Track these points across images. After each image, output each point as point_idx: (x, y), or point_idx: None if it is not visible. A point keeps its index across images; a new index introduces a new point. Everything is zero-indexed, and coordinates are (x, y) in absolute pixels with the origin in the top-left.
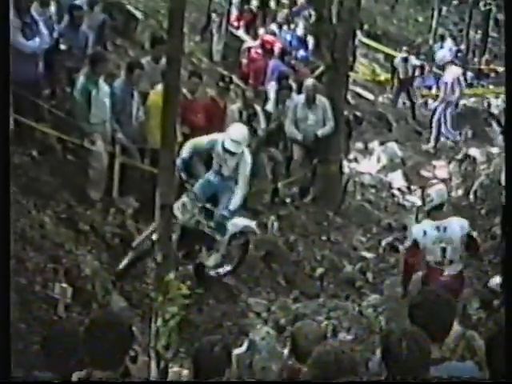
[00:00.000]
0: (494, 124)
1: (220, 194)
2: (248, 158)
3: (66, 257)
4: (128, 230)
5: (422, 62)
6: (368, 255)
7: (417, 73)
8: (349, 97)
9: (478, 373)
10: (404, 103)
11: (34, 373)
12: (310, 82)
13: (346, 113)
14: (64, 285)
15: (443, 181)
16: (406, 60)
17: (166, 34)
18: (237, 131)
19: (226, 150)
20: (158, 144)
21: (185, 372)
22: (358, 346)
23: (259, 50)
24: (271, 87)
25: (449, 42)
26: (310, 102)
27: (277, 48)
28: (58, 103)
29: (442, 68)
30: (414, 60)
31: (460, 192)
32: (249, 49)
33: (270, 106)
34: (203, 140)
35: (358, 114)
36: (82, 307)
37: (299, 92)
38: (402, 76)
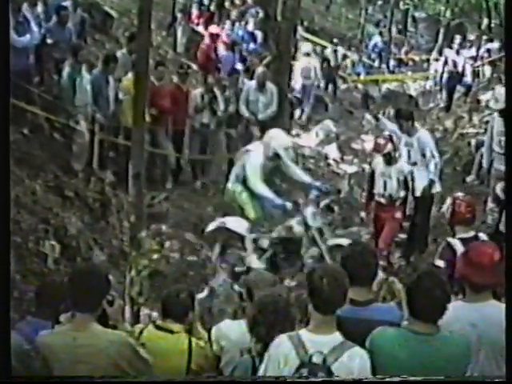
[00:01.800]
0: (413, 104)
1: None
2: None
3: (54, 218)
4: (106, 196)
5: (352, 53)
6: None
7: (346, 61)
8: (292, 82)
9: (399, 312)
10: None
11: (27, 317)
12: (260, 69)
13: (289, 95)
14: (53, 242)
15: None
16: (335, 51)
17: (137, 30)
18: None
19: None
20: (130, 123)
21: (154, 314)
22: (299, 290)
23: (207, 42)
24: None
25: (376, 37)
26: (261, 87)
27: (223, 38)
28: (46, 89)
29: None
30: (341, 51)
31: None
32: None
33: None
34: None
35: (299, 96)
36: (68, 261)
37: (251, 78)
38: (332, 64)
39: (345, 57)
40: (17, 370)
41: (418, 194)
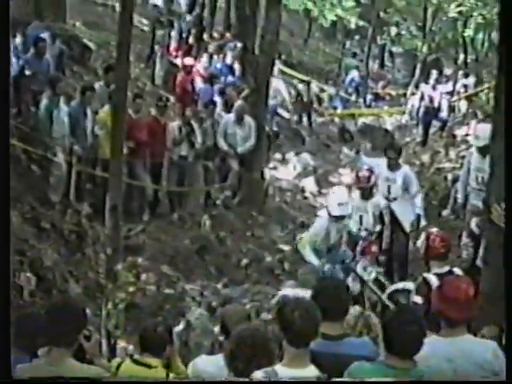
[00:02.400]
0: (389, 139)
1: None
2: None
3: (30, 250)
4: (83, 228)
5: (329, 87)
6: (285, 248)
7: (323, 95)
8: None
9: (373, 347)
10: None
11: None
12: (238, 103)
13: (266, 129)
14: (28, 274)
15: (348, 186)
16: (308, 85)
17: (115, 62)
18: (339, 196)
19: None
20: (107, 155)
21: (131, 347)
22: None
23: (183, 74)
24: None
25: (354, 71)
26: (239, 120)
27: (200, 71)
28: (23, 120)
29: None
30: (315, 87)
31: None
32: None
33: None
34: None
35: (276, 129)
36: (43, 293)
37: (229, 111)
38: (305, 99)
39: (321, 90)
40: None
41: (407, 229)
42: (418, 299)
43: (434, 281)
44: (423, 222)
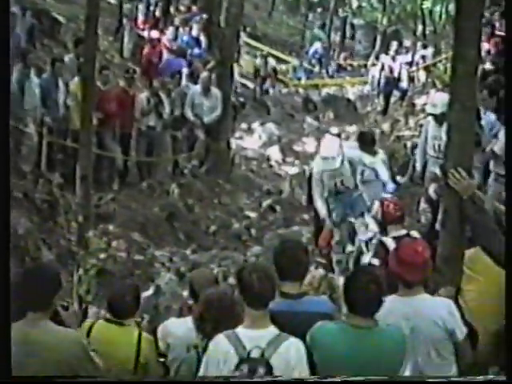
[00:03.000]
0: (351, 108)
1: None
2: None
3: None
4: (55, 196)
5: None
6: (252, 214)
7: (288, 66)
8: (235, 86)
9: (331, 304)
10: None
11: None
12: (205, 74)
13: (232, 99)
14: None
15: (311, 154)
16: (266, 61)
17: (84, 35)
18: (326, 148)
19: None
20: (78, 126)
21: (102, 312)
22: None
23: (150, 46)
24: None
25: (317, 43)
26: (206, 91)
27: (166, 43)
28: None
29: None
30: (270, 61)
31: None
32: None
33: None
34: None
35: (242, 100)
36: (17, 261)
37: (195, 83)
38: (262, 74)
39: (283, 62)
40: None
41: None
42: (375, 261)
43: (390, 244)
44: None
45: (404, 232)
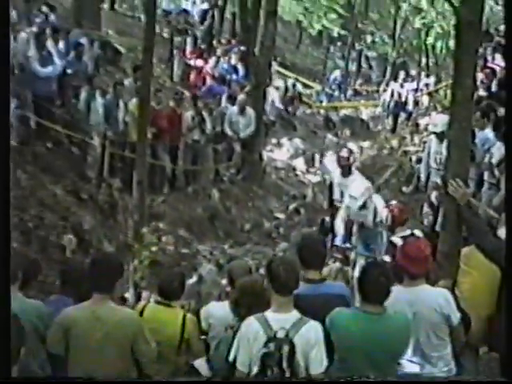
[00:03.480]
0: (365, 127)
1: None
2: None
3: (71, 216)
4: (115, 198)
5: (316, 84)
6: (280, 216)
7: (311, 91)
8: (267, 107)
9: (348, 290)
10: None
11: (51, 296)
12: (241, 96)
13: (264, 118)
14: (70, 236)
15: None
16: (294, 85)
17: (141, 63)
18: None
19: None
20: (135, 139)
21: (153, 296)
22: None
23: (195, 73)
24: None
25: (336, 71)
26: (242, 111)
27: (209, 71)
28: (66, 111)
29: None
30: (298, 86)
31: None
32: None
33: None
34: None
35: (272, 118)
36: (83, 252)
37: (233, 104)
38: (290, 94)
39: (307, 87)
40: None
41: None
42: (387, 258)
43: (398, 242)
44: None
45: (409, 232)
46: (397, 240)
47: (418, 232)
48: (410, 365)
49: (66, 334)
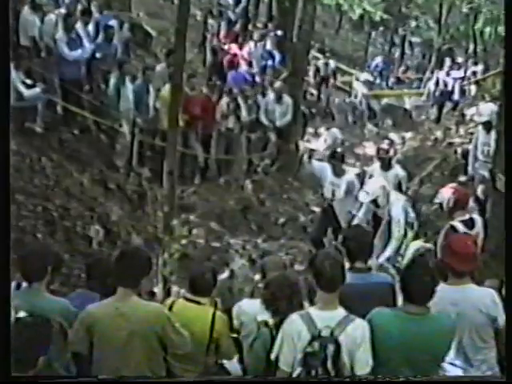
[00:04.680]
0: (407, 117)
1: None
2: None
3: (98, 207)
4: (144, 189)
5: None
6: (316, 209)
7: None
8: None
9: (391, 278)
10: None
11: (76, 290)
12: (278, 84)
13: (302, 108)
14: (97, 227)
15: (370, 157)
16: (326, 64)
17: (173, 47)
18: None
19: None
20: (165, 127)
21: (182, 291)
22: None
23: (230, 58)
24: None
25: (378, 58)
26: (279, 99)
27: (245, 56)
28: (94, 96)
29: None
30: (331, 64)
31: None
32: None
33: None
34: None
35: (313, 110)
36: (109, 244)
37: (268, 92)
38: (322, 74)
39: (348, 74)
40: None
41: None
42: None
43: (460, 227)
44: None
45: (468, 216)
46: (458, 224)
47: (475, 216)
48: (452, 368)
49: (89, 332)
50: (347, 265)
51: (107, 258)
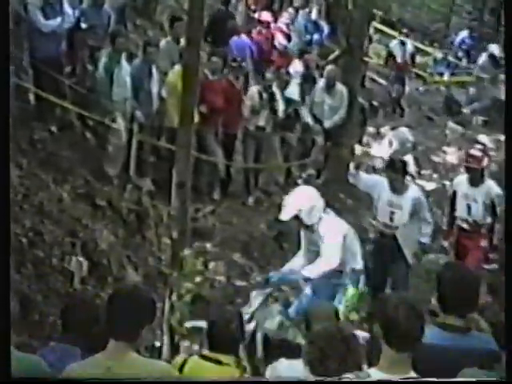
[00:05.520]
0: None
1: None
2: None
3: (82, 231)
4: (144, 207)
5: (434, 49)
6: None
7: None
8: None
9: (494, 344)
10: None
11: (50, 343)
12: (331, 67)
13: (360, 99)
14: (80, 258)
15: (453, 166)
16: (403, 44)
17: (185, 15)
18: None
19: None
20: (175, 123)
21: (196, 348)
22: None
23: (261, 30)
24: (295, 71)
25: (464, 32)
26: (330, 87)
27: (282, 28)
28: (79, 80)
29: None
30: (409, 45)
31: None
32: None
33: (291, 90)
34: None
35: (375, 103)
36: (97, 281)
37: (314, 76)
38: (399, 60)
39: (422, 52)
40: None
41: (409, 260)
42: None
43: None
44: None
45: None
46: None
47: None
48: None
49: None
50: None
51: (93, 301)
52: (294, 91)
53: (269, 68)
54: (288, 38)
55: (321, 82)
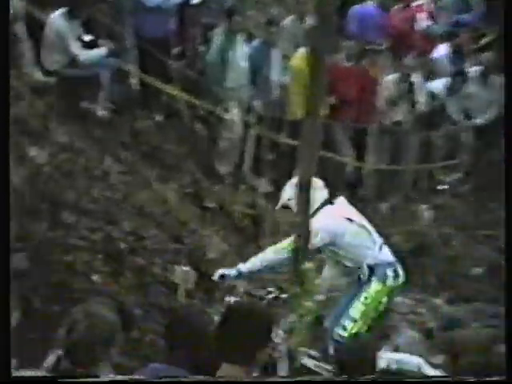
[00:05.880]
0: None
1: None
2: None
3: (189, 237)
4: (259, 210)
5: None
6: None
7: None
8: None
9: None
10: None
11: (151, 365)
12: (485, 54)
13: None
14: (186, 268)
15: None
16: None
17: None
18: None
19: None
20: (298, 115)
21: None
22: None
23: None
24: (441, 56)
25: None
26: (484, 78)
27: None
28: (188, 63)
29: None
30: None
31: None
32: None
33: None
34: None
35: None
36: (204, 293)
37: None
38: None
39: None
40: None
41: None
42: None
43: None
44: None
45: None
46: None
47: None
48: None
49: None
50: None
51: (201, 316)
52: (438, 81)
53: (408, 53)
54: (432, 17)
55: (472, 71)
